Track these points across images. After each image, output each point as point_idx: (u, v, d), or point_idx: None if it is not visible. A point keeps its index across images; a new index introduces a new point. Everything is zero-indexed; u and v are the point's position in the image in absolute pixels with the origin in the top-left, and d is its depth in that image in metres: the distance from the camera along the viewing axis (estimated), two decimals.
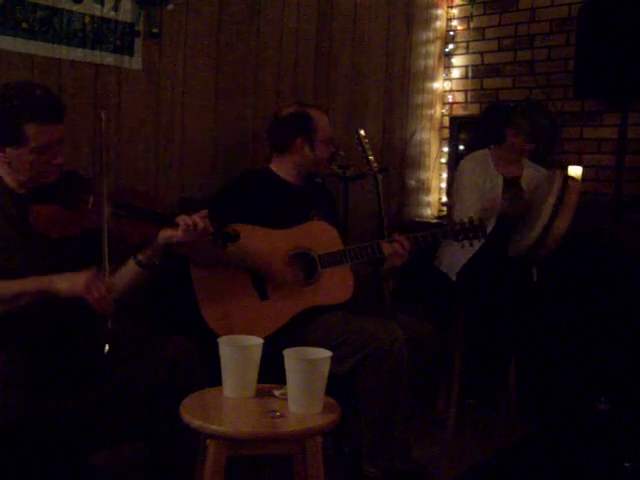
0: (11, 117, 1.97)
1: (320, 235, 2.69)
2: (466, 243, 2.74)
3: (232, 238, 2.29)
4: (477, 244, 2.84)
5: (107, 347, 2.03)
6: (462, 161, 3.46)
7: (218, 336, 2.00)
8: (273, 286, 2.57)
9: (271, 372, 2.00)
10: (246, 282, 2.56)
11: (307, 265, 2.63)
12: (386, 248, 2.65)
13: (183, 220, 2.17)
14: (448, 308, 3.32)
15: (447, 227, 2.76)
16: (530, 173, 3.38)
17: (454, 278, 3.26)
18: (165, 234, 2.20)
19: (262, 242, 2.57)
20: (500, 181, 3.31)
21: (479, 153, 3.40)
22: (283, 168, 2.81)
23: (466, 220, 2.73)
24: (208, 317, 2.48)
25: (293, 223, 2.67)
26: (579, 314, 3.34)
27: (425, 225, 4.09)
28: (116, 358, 2.11)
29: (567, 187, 2.99)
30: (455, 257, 3.21)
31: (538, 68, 3.99)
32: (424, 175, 4.35)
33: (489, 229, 3.03)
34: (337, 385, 2.08)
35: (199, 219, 2.18)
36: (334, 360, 1.95)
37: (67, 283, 1.98)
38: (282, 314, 2.54)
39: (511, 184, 3.33)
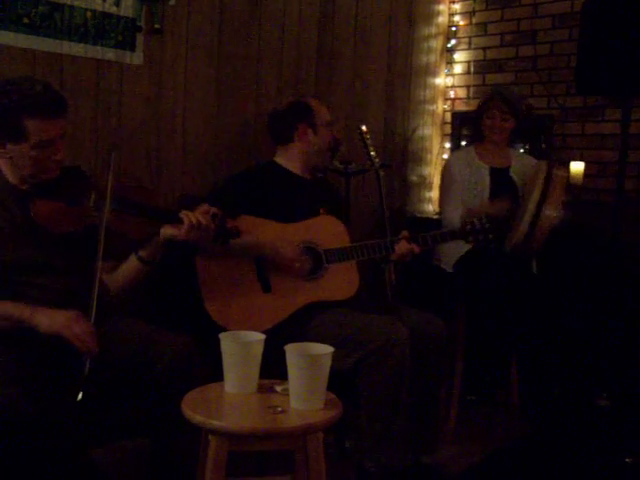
0: (11, 112, 1.96)
1: (327, 230, 2.68)
2: (475, 245, 2.72)
3: (233, 235, 2.29)
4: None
5: (80, 395, 1.88)
6: (446, 160, 3.46)
7: (219, 326, 1.99)
8: (277, 279, 2.57)
9: (273, 367, 2.00)
10: (251, 274, 2.56)
11: (313, 259, 2.63)
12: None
13: (187, 218, 2.16)
14: (448, 302, 3.31)
15: (457, 228, 2.75)
16: (518, 162, 3.37)
17: (450, 270, 3.25)
18: (167, 232, 2.20)
19: (270, 234, 2.58)
20: (487, 173, 3.29)
21: (462, 149, 3.42)
22: (289, 159, 2.80)
23: (476, 221, 2.70)
24: (210, 307, 2.48)
25: (301, 217, 2.67)
26: (580, 309, 3.34)
27: (426, 221, 4.08)
28: (117, 355, 2.11)
29: (551, 177, 2.99)
30: (451, 250, 3.19)
31: (540, 64, 3.98)
32: (426, 171, 4.34)
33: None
34: (339, 381, 2.07)
35: (202, 217, 2.18)
36: (336, 356, 1.94)
37: (47, 320, 1.95)
38: (284, 307, 2.54)
39: (499, 174, 3.32)
